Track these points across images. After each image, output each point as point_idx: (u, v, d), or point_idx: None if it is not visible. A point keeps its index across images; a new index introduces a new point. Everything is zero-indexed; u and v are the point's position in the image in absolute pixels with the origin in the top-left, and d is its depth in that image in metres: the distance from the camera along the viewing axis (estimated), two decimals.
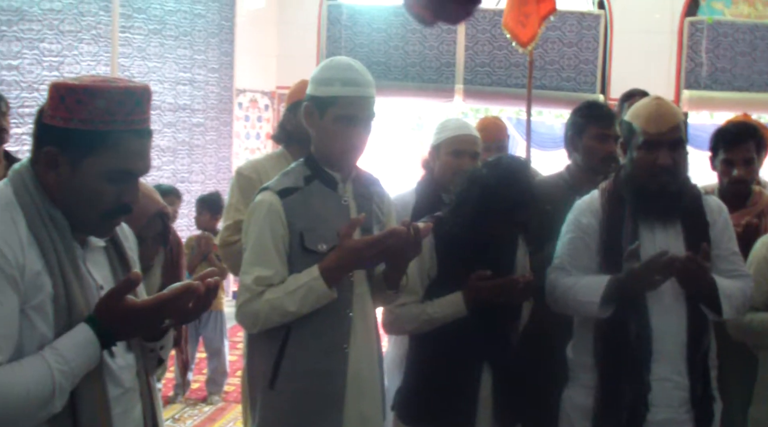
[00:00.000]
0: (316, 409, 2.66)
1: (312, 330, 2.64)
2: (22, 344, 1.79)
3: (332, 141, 2.68)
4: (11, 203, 1.85)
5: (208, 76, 8.78)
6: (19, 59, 7.30)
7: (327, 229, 2.65)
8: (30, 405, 1.74)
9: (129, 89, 1.86)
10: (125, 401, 1.97)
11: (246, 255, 2.67)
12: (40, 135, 1.90)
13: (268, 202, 2.65)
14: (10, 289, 1.76)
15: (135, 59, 8.12)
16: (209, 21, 8.76)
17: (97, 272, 1.98)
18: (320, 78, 2.70)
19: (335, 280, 2.59)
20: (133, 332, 1.95)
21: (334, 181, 2.73)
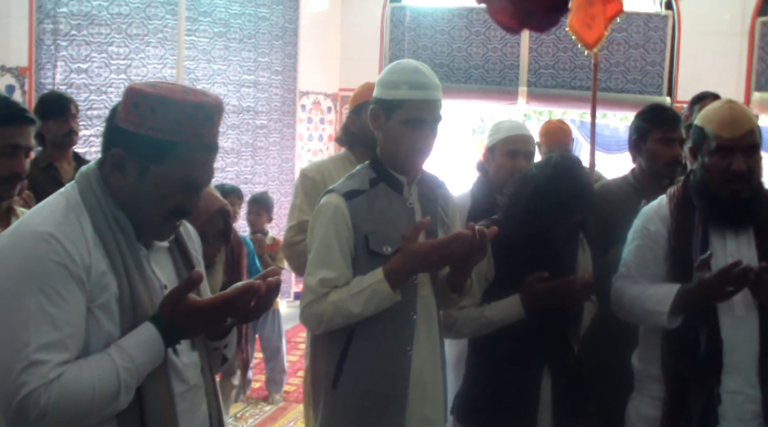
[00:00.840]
0: (379, 411, 2.67)
1: (375, 332, 2.65)
2: (88, 342, 1.83)
3: (398, 144, 2.68)
4: (77, 205, 1.89)
5: (272, 79, 8.86)
6: (88, 62, 7.46)
7: (392, 231, 2.65)
8: (96, 402, 1.78)
9: (202, 104, 1.88)
10: (190, 398, 2.00)
11: (311, 257, 2.69)
12: (111, 136, 1.92)
13: (333, 204, 2.66)
14: (77, 288, 1.80)
15: (200, 62, 8.22)
16: (273, 24, 8.83)
17: (161, 271, 2.01)
18: (387, 81, 2.70)
19: (399, 283, 2.59)
20: (195, 331, 1.98)
21: (400, 184, 2.73)
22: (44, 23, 7.21)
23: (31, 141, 2.65)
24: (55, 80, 7.27)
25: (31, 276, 1.77)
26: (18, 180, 2.62)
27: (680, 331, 2.81)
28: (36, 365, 1.72)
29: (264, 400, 6.24)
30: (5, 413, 1.75)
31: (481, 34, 9.34)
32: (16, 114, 2.60)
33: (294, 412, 5.91)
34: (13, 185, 2.62)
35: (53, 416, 1.73)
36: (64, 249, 1.79)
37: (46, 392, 1.71)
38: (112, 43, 7.60)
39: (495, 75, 9.38)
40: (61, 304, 1.77)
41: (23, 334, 1.73)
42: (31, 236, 1.80)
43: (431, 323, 2.77)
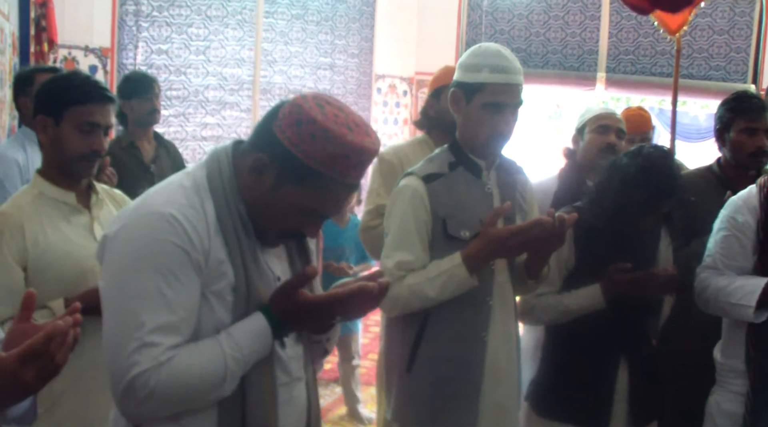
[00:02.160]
0: (453, 395, 2.67)
1: (451, 317, 2.64)
2: (199, 326, 1.83)
3: (478, 128, 2.65)
4: (203, 188, 1.88)
5: (348, 62, 8.87)
6: (168, 43, 7.58)
7: (470, 216, 2.64)
8: (202, 387, 1.79)
9: (362, 148, 1.82)
10: (292, 390, 1.99)
11: (388, 239, 2.69)
12: (263, 139, 1.88)
13: (412, 187, 2.65)
14: (194, 273, 1.80)
15: (278, 44, 8.28)
16: (351, 6, 8.84)
17: (275, 263, 2.00)
18: (468, 64, 2.68)
19: (477, 268, 2.58)
20: (304, 325, 1.97)
21: (479, 168, 2.71)
22: (127, 5, 7.34)
23: (110, 119, 2.68)
24: (137, 61, 7.40)
25: (151, 257, 1.77)
26: (97, 157, 2.66)
27: (766, 325, 2.74)
28: (149, 346, 1.73)
29: (335, 381, 6.27)
30: (114, 390, 1.78)
31: (560, 19, 9.21)
32: (95, 92, 2.63)
33: (365, 394, 5.92)
34: (92, 162, 2.66)
35: (160, 397, 1.75)
36: (185, 232, 1.78)
37: (156, 374, 1.73)
38: (192, 25, 7.70)
39: (573, 60, 9.24)
40: (178, 287, 1.77)
41: (139, 314, 1.74)
42: (153, 216, 1.80)
43: (507, 308, 2.75)
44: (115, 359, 1.75)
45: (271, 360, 1.92)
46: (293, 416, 2.00)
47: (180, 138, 7.44)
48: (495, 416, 2.70)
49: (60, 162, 2.63)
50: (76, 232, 2.62)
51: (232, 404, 1.86)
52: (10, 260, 2.48)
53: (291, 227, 1.91)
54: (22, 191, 2.68)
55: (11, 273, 2.48)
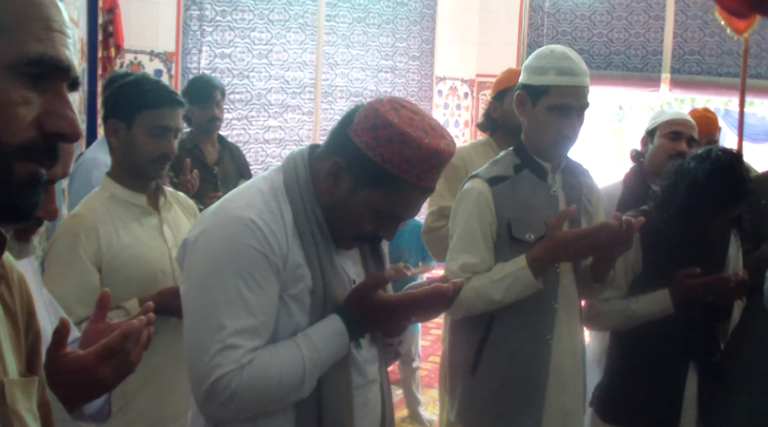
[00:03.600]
0: (517, 398, 2.66)
1: (516, 319, 2.64)
2: (277, 329, 1.86)
3: (544, 130, 2.65)
4: (280, 192, 1.90)
5: (409, 64, 8.88)
6: (232, 47, 7.67)
7: (535, 219, 2.63)
8: (281, 389, 1.82)
9: (438, 151, 1.81)
10: (367, 392, 2.01)
11: (453, 241, 2.69)
12: (339, 143, 1.90)
13: (477, 189, 2.65)
14: (273, 276, 1.83)
15: (339, 47, 8.32)
16: (411, 9, 8.85)
17: (350, 267, 2.02)
18: (534, 66, 2.67)
19: (542, 271, 2.57)
20: (380, 326, 1.98)
21: (544, 171, 2.70)
22: (191, 10, 7.45)
23: (179, 123, 2.73)
24: (200, 65, 7.51)
25: (232, 260, 1.80)
26: (167, 160, 2.70)
27: None
28: (230, 348, 1.76)
29: (395, 383, 6.28)
30: (196, 392, 1.82)
31: (623, 19, 9.09)
32: (166, 97, 2.68)
33: (426, 396, 5.93)
34: (163, 165, 2.71)
35: (241, 400, 1.78)
36: (264, 237, 1.81)
37: (237, 376, 1.76)
38: (255, 29, 7.78)
39: (637, 61, 9.12)
40: (258, 291, 1.80)
41: (220, 317, 1.78)
42: (233, 221, 1.83)
43: (572, 312, 2.74)
44: (197, 362, 1.79)
45: (347, 362, 1.94)
46: (368, 418, 2.01)
47: (243, 141, 7.52)
48: (559, 420, 2.69)
49: (131, 165, 2.68)
50: (147, 233, 2.67)
51: (309, 406, 1.88)
52: (86, 261, 2.53)
53: (367, 230, 1.92)
54: (93, 194, 2.73)
55: (88, 274, 2.53)
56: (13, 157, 0.97)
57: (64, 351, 1.52)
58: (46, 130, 0.99)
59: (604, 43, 9.19)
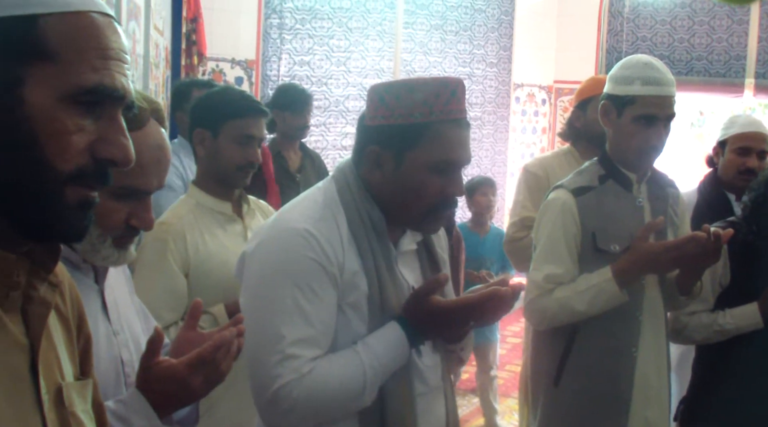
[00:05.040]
0: (601, 411, 2.64)
1: (600, 331, 2.62)
2: (336, 338, 1.87)
3: (629, 140, 2.62)
4: (334, 202, 1.93)
5: (487, 71, 8.85)
6: (311, 55, 7.75)
7: (620, 229, 2.61)
8: (343, 398, 1.83)
9: (445, 80, 1.88)
10: (430, 399, 2.01)
11: (537, 252, 2.68)
12: (363, 138, 1.95)
13: (561, 200, 2.64)
14: (330, 286, 1.85)
15: (417, 54, 8.34)
16: (489, 16, 8.82)
17: (408, 273, 2.02)
18: (619, 76, 2.65)
19: (627, 283, 2.54)
20: (439, 332, 1.97)
21: (630, 182, 2.67)
22: (271, 18, 7.55)
23: (263, 132, 2.78)
24: (280, 72, 7.60)
25: (289, 271, 1.83)
26: (252, 168, 2.75)
27: None
28: (290, 358, 1.78)
29: (472, 392, 6.27)
30: (258, 402, 1.85)
31: (705, 24, 8.92)
32: (251, 106, 2.74)
33: (503, 406, 5.90)
34: (247, 173, 2.75)
35: (303, 409, 1.80)
36: (320, 247, 1.83)
37: (298, 385, 1.78)
38: (333, 36, 7.84)
39: (719, 66, 8.95)
40: (315, 301, 1.82)
41: (279, 327, 1.80)
42: (289, 232, 1.86)
43: (658, 324, 2.71)
44: (258, 372, 1.82)
45: (409, 370, 1.94)
46: (432, 426, 2.01)
47: (321, 147, 7.59)
48: None
49: (217, 173, 2.73)
50: (231, 240, 2.71)
51: (372, 414, 1.88)
52: (174, 267, 2.58)
53: (436, 195, 1.90)
54: (180, 202, 2.79)
55: (176, 280, 2.59)
56: (65, 182, 0.99)
57: (158, 359, 1.56)
58: (98, 157, 1.01)
59: (685, 49, 9.03)
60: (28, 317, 1.05)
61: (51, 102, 0.97)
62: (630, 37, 9.14)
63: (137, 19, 4.20)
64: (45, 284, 1.07)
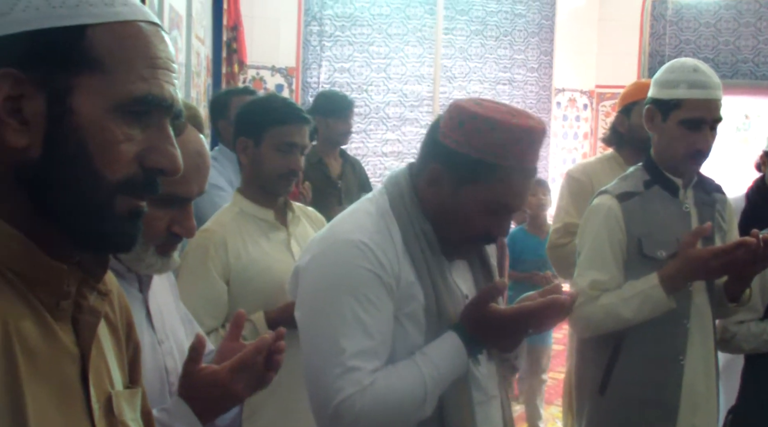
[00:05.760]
0: (647, 419, 2.61)
1: (646, 338, 2.58)
2: (393, 349, 1.86)
3: (675, 145, 2.59)
4: (387, 213, 1.91)
5: (527, 76, 8.81)
6: (351, 62, 7.78)
7: (666, 235, 2.57)
8: (404, 409, 1.81)
9: (530, 129, 1.81)
10: (488, 408, 1.99)
11: (581, 258, 2.66)
12: (431, 150, 1.91)
13: (606, 206, 2.61)
14: (387, 297, 1.83)
15: (457, 60, 8.33)
16: (529, 20, 8.78)
17: (462, 282, 2.01)
18: (664, 80, 2.62)
19: (675, 289, 2.51)
20: (497, 340, 1.95)
21: (675, 187, 2.64)
22: (311, 25, 7.59)
23: (306, 139, 2.77)
24: (320, 79, 7.64)
25: (345, 283, 1.82)
26: (294, 176, 2.75)
27: None
28: (352, 371, 1.76)
29: (514, 399, 6.22)
30: (320, 417, 1.84)
31: (751, 26, 8.81)
32: (294, 114, 2.73)
33: (546, 413, 5.85)
34: (290, 181, 2.76)
35: (365, 421, 1.78)
36: (376, 258, 1.82)
37: (360, 398, 1.76)
38: (373, 43, 7.87)
39: (765, 69, 8.82)
40: (373, 312, 1.81)
41: (339, 340, 1.78)
42: (344, 244, 1.85)
43: (705, 332, 2.66)
44: (319, 387, 1.80)
45: (467, 379, 1.92)
46: None
47: (361, 154, 7.60)
48: None
49: (260, 181, 2.74)
50: (274, 248, 2.71)
51: (432, 425, 1.87)
52: (215, 274, 2.59)
53: (480, 229, 1.90)
54: (224, 209, 2.80)
55: (216, 287, 2.59)
56: (114, 192, 1.00)
57: (200, 366, 1.57)
58: (146, 166, 1.01)
59: (730, 51, 8.92)
60: (79, 326, 1.05)
61: (100, 112, 0.98)
62: (673, 40, 9.05)
63: (179, 28, 4.24)
64: (95, 293, 1.07)
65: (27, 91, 0.96)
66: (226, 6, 6.15)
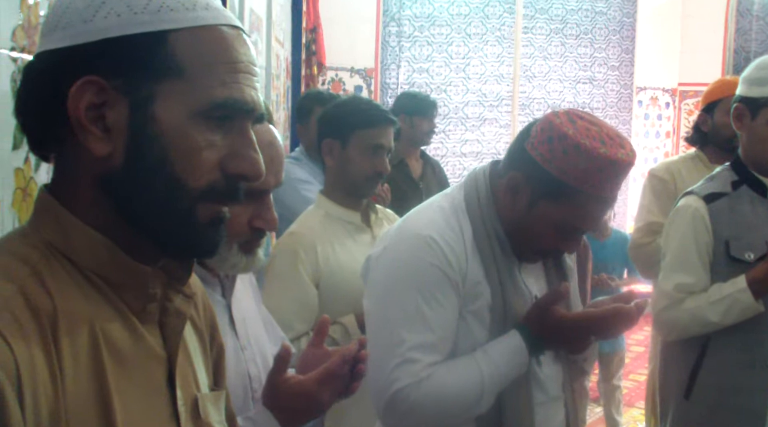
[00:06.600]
0: (735, 425, 2.55)
1: (733, 343, 2.54)
2: (456, 344, 1.89)
3: (765, 145, 2.54)
4: (461, 210, 1.93)
5: (608, 74, 8.68)
6: (429, 62, 7.78)
7: (755, 237, 2.52)
8: (459, 403, 1.84)
9: (616, 161, 1.79)
10: (549, 408, 2.00)
11: (667, 260, 2.62)
12: (517, 156, 1.91)
13: (693, 207, 2.57)
14: (453, 293, 1.86)
15: (536, 59, 8.26)
16: (610, 18, 8.65)
17: (533, 282, 2.02)
18: (753, 77, 2.57)
19: (763, 292, 2.46)
20: (560, 343, 1.96)
21: (765, 187, 2.59)
22: (389, 26, 7.62)
23: (392, 141, 2.77)
24: (399, 80, 7.66)
25: (412, 277, 1.85)
26: (381, 178, 2.75)
27: None
28: (409, 362, 1.81)
29: (595, 401, 6.15)
30: (377, 404, 1.87)
31: None
32: (380, 116, 2.74)
33: (626, 415, 5.76)
34: (376, 183, 2.76)
35: (419, 412, 1.82)
36: (443, 254, 1.84)
37: (416, 389, 1.80)
38: (452, 43, 7.86)
39: None
40: (437, 307, 1.84)
41: (400, 331, 1.82)
42: (414, 238, 1.88)
43: None
44: (378, 375, 1.83)
45: (528, 378, 1.93)
46: None
47: (440, 154, 7.60)
48: None
49: (345, 183, 2.74)
50: (361, 250, 2.70)
51: (490, 421, 1.89)
52: (305, 278, 2.60)
53: (549, 244, 1.91)
54: (309, 212, 2.81)
55: (307, 291, 2.60)
56: (197, 200, 0.99)
57: (286, 376, 1.58)
58: (229, 172, 1.01)
59: None
60: (165, 329, 1.07)
61: (181, 119, 0.97)
62: (760, 35, 8.81)
63: (259, 31, 4.30)
64: (180, 296, 1.08)
65: (109, 99, 0.96)
66: (305, 8, 6.21)
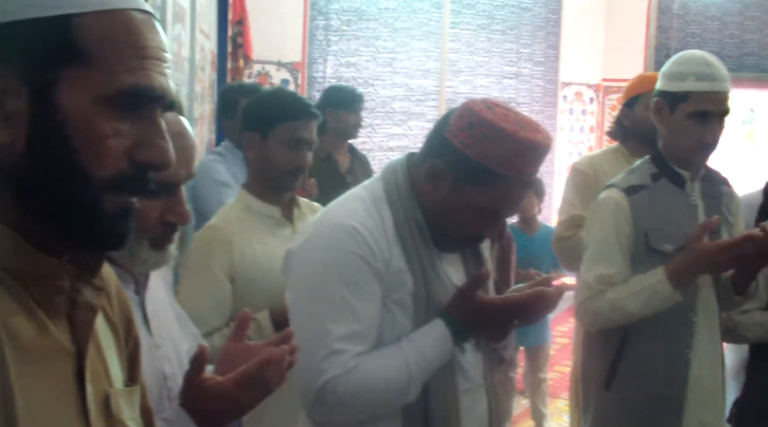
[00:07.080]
0: (654, 414, 2.60)
1: (653, 332, 2.57)
2: (381, 334, 1.88)
3: (683, 138, 2.58)
4: (381, 200, 1.92)
5: (534, 70, 8.79)
6: (357, 56, 7.78)
7: (674, 229, 2.57)
8: (388, 394, 1.84)
9: (536, 143, 1.81)
10: (473, 396, 2.00)
11: (588, 252, 2.65)
12: (435, 145, 1.91)
13: (614, 199, 2.61)
14: (376, 282, 1.85)
15: (463, 54, 8.31)
16: (536, 14, 8.76)
17: (452, 271, 2.02)
18: (672, 72, 2.61)
19: (682, 283, 2.50)
20: (483, 329, 1.98)
21: (682, 180, 2.63)
22: (317, 20, 7.59)
23: (314, 135, 2.72)
24: (326, 74, 7.63)
25: (335, 267, 1.84)
26: (302, 172, 2.71)
27: None
28: (336, 353, 1.79)
29: (521, 393, 6.21)
30: (304, 398, 1.85)
31: (757, 19, 8.78)
32: (302, 109, 2.69)
33: (551, 407, 5.84)
34: (297, 178, 2.72)
35: (348, 404, 1.81)
36: (366, 243, 1.84)
37: (344, 380, 1.78)
38: (379, 38, 7.86)
39: None
40: (362, 296, 1.83)
41: (326, 323, 1.81)
42: (336, 229, 1.87)
43: (712, 325, 2.65)
44: (305, 368, 1.80)
45: (453, 366, 1.94)
46: (475, 423, 2.01)
47: (367, 148, 7.58)
48: None
49: (266, 177, 2.70)
50: (280, 245, 2.65)
51: (416, 411, 1.89)
52: (219, 273, 2.55)
53: (471, 231, 1.93)
54: (229, 206, 2.76)
55: (221, 286, 2.55)
56: (102, 190, 0.95)
57: (203, 377, 1.53)
58: (137, 161, 0.97)
59: (735, 45, 8.90)
60: (75, 323, 1.02)
61: (86, 106, 0.93)
62: (679, 33, 9.03)
63: (183, 22, 4.22)
64: (90, 289, 1.04)
65: (9, 85, 0.91)
66: (232, 0, 6.14)
